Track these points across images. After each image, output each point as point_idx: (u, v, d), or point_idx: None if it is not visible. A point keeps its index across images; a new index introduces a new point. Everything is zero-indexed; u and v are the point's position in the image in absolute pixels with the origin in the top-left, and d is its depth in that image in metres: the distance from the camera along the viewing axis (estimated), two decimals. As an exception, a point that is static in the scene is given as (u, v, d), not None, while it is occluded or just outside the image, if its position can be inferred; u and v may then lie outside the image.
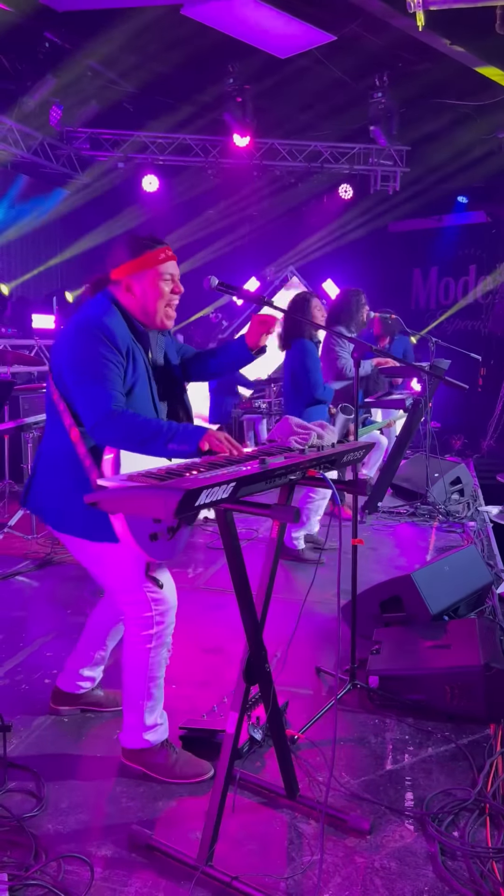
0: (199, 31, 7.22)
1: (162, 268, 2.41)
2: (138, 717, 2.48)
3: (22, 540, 5.22)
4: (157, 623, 2.44)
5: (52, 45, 7.68)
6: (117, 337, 2.32)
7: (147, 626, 2.43)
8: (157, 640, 2.45)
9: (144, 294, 2.41)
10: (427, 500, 6.29)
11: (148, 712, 2.48)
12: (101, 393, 2.22)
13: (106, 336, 2.30)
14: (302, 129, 9.81)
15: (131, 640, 2.47)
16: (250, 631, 2.09)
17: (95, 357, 2.27)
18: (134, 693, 2.48)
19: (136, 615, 2.44)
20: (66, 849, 2.13)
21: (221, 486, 1.73)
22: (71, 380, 2.30)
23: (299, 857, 2.13)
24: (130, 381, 2.36)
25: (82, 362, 2.28)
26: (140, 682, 2.46)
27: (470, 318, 11.44)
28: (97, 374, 2.25)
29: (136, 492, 1.69)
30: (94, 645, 2.84)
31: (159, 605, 2.45)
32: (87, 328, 2.32)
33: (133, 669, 2.47)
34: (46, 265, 9.78)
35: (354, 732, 2.81)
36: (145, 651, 2.44)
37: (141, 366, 2.41)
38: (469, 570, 3.82)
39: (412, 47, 7.56)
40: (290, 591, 4.20)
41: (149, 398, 2.46)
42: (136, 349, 2.40)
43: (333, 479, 2.10)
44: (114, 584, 2.47)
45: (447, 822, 2.27)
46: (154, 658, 2.46)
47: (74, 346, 2.32)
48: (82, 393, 2.26)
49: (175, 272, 2.46)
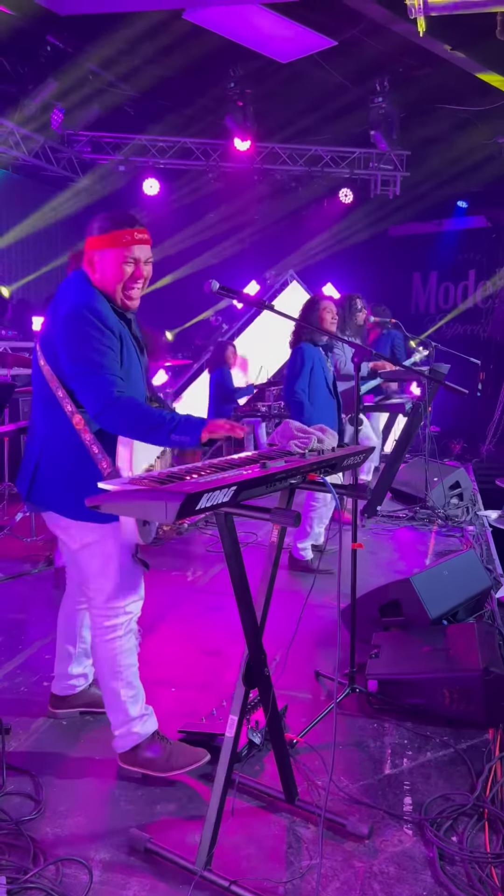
0: (200, 36, 7.23)
1: (125, 249, 2.35)
2: (123, 712, 2.49)
3: (21, 542, 5.22)
4: (124, 613, 2.47)
5: (54, 49, 7.70)
6: (107, 318, 2.32)
7: (115, 615, 2.46)
8: (125, 629, 2.48)
9: (103, 272, 2.37)
10: (426, 505, 6.30)
11: (131, 703, 2.49)
12: (102, 380, 2.23)
13: (98, 319, 2.29)
14: (302, 133, 9.83)
15: (99, 632, 2.49)
16: (250, 635, 2.10)
17: (92, 344, 2.27)
18: (112, 686, 2.49)
19: (104, 604, 2.46)
20: (65, 852, 2.13)
21: (222, 489, 1.73)
22: (70, 369, 2.30)
23: (298, 862, 2.13)
24: (126, 362, 2.37)
25: (80, 350, 2.27)
26: (115, 672, 2.48)
27: (469, 322, 11.46)
28: (96, 362, 2.25)
29: (138, 495, 1.69)
30: (71, 640, 2.85)
31: (130, 596, 2.48)
32: (79, 314, 2.30)
33: (106, 661, 2.49)
34: (47, 268, 9.79)
35: (353, 737, 2.81)
36: (114, 640, 2.47)
37: (130, 345, 2.41)
38: (468, 575, 3.82)
39: (413, 52, 7.57)
40: (288, 595, 4.19)
41: (140, 379, 2.47)
42: (123, 329, 2.40)
43: (334, 484, 2.10)
44: (98, 570, 2.46)
45: (446, 827, 2.27)
46: (123, 645, 2.48)
47: (69, 335, 2.30)
48: (84, 382, 2.26)
49: (142, 256, 2.39)
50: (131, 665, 2.51)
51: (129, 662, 2.50)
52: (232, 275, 10.36)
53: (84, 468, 2.34)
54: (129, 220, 2.39)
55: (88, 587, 2.51)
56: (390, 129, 9.10)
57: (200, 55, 7.66)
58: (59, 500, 2.43)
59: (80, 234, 2.54)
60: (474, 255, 11.40)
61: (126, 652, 2.49)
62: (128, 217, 2.41)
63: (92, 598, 2.50)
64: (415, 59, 7.84)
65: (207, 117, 9.43)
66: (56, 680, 2.91)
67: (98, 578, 2.46)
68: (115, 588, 2.45)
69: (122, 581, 2.45)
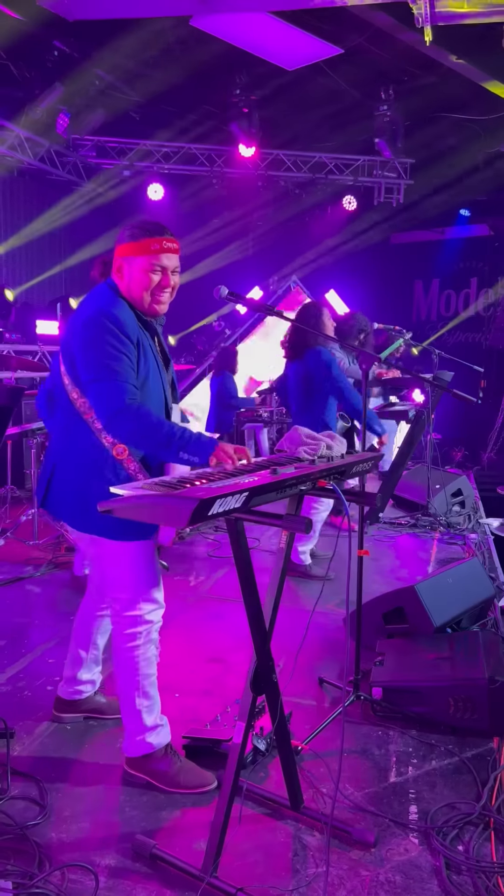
0: (206, 42, 7.26)
1: (153, 257, 2.35)
2: (137, 720, 2.48)
3: (24, 546, 5.21)
4: (144, 622, 2.46)
5: (61, 54, 7.72)
6: (126, 326, 2.31)
7: (134, 624, 2.45)
8: (145, 638, 2.47)
9: (131, 279, 2.37)
10: (428, 512, 6.30)
11: (146, 713, 2.48)
12: (115, 387, 2.22)
13: (116, 326, 2.29)
14: (307, 140, 9.87)
15: (119, 639, 2.49)
16: (258, 641, 2.09)
17: (107, 350, 2.26)
18: (129, 694, 2.48)
19: (124, 612, 2.46)
20: (70, 858, 2.13)
21: (234, 495, 1.73)
22: (84, 376, 2.30)
23: (304, 869, 2.12)
24: (143, 372, 2.35)
25: (95, 357, 2.27)
26: (133, 680, 2.47)
27: (471, 330, 11.49)
28: (110, 368, 2.24)
29: (151, 500, 1.69)
30: (84, 646, 2.84)
31: (149, 605, 2.47)
32: (96, 321, 2.30)
33: (124, 669, 2.48)
34: (51, 272, 9.81)
35: (358, 744, 2.80)
36: (134, 648, 2.46)
37: (150, 355, 2.40)
38: (472, 583, 3.82)
39: (418, 62, 7.61)
40: (293, 601, 4.19)
41: (160, 389, 2.45)
42: (144, 337, 2.39)
43: (344, 491, 2.10)
44: (113, 579, 2.46)
45: (452, 836, 2.26)
46: (143, 654, 2.48)
47: (85, 342, 2.31)
48: (97, 388, 2.25)
49: (169, 265, 2.39)
50: (149, 675, 2.50)
51: (147, 672, 2.49)
52: (235, 280, 10.38)
53: (97, 481, 2.33)
54: (158, 228, 2.40)
55: (108, 595, 2.52)
56: (395, 138, 9.14)
57: (206, 62, 7.68)
58: (70, 511, 2.44)
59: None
60: (476, 264, 11.44)
61: (145, 661, 2.48)
62: (158, 226, 2.41)
63: (112, 606, 2.50)
64: (420, 68, 7.87)
65: (212, 123, 9.47)
66: (64, 684, 2.90)
67: (114, 588, 2.46)
68: (132, 597, 2.44)
69: (139, 590, 2.44)
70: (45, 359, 8.28)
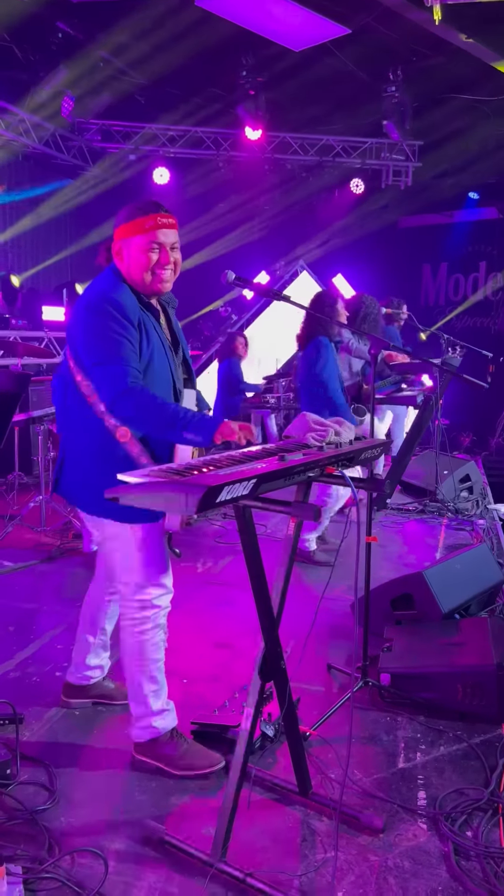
0: (212, 23, 7.17)
1: (149, 235, 2.33)
2: (145, 705, 2.49)
3: (32, 532, 5.23)
4: (153, 606, 2.47)
5: (65, 36, 7.64)
6: (127, 309, 2.29)
7: (143, 609, 2.46)
8: (153, 622, 2.48)
9: (130, 260, 2.36)
10: (436, 498, 6.28)
11: (153, 697, 2.49)
12: (117, 370, 2.21)
13: (115, 310, 2.27)
14: (314, 122, 9.76)
15: (127, 624, 2.49)
16: (266, 628, 2.09)
17: (108, 334, 2.25)
18: (137, 679, 2.49)
19: (132, 596, 2.46)
20: (79, 843, 2.14)
21: (242, 482, 1.72)
22: (87, 360, 2.30)
23: (313, 855, 2.13)
24: (147, 353, 2.34)
25: (97, 341, 2.27)
26: (140, 665, 2.47)
27: (479, 315, 11.39)
28: (112, 352, 2.23)
29: (158, 487, 1.68)
30: (92, 631, 2.85)
31: (158, 589, 2.47)
32: (96, 305, 2.30)
33: (132, 653, 2.49)
34: (57, 257, 9.77)
35: (366, 730, 2.80)
36: (142, 633, 2.47)
37: (154, 336, 2.38)
38: (480, 569, 3.81)
39: (427, 41, 7.50)
40: (300, 587, 4.19)
41: (167, 371, 2.44)
42: (147, 318, 2.37)
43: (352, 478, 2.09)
44: (120, 563, 2.46)
45: (460, 821, 2.26)
46: (151, 639, 2.48)
47: (87, 326, 2.31)
48: (98, 371, 2.25)
49: (167, 241, 2.36)
50: (157, 660, 2.50)
51: (154, 657, 2.49)
52: (242, 265, 10.29)
53: (105, 465, 2.33)
54: (152, 206, 2.39)
55: (116, 579, 2.52)
56: (403, 119, 9.03)
57: (212, 43, 7.59)
58: (80, 495, 2.46)
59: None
60: (485, 247, 11.32)
61: (152, 646, 2.48)
62: (151, 203, 2.40)
63: (120, 591, 2.50)
64: (429, 48, 7.76)
65: (218, 106, 9.36)
66: (72, 669, 2.91)
67: (122, 572, 2.47)
68: (140, 581, 2.44)
69: (147, 574, 2.44)
70: (52, 345, 8.27)
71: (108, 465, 2.29)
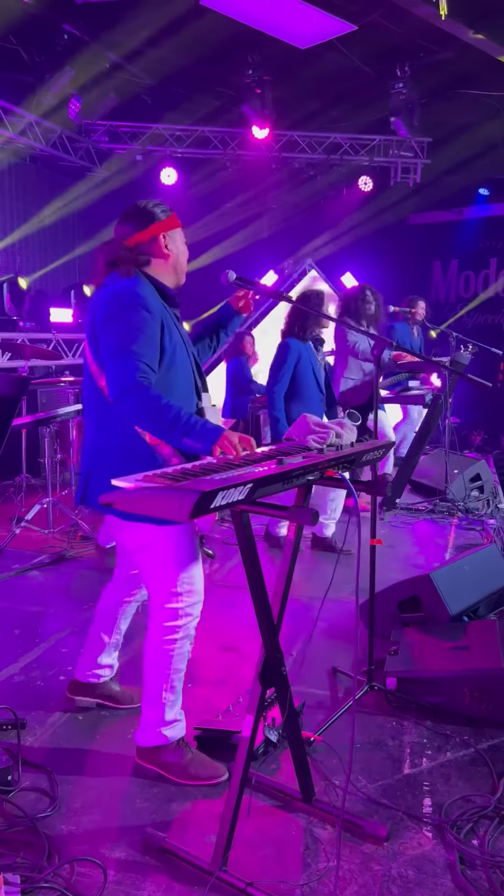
0: (217, 22, 7.12)
1: (180, 229, 2.52)
2: (158, 712, 2.45)
3: (39, 534, 5.22)
4: (184, 615, 2.43)
5: (71, 37, 7.62)
6: (149, 303, 2.29)
7: (174, 617, 2.41)
8: (184, 632, 2.44)
9: (177, 250, 2.48)
10: (446, 497, 6.22)
11: (169, 707, 2.46)
12: (128, 364, 2.16)
13: (137, 303, 2.26)
14: (321, 120, 9.69)
15: (156, 630, 2.43)
16: (266, 633, 2.06)
17: (124, 327, 2.22)
18: (156, 686, 2.44)
19: (165, 604, 2.41)
20: (79, 850, 2.12)
21: (238, 487, 1.69)
22: (105, 354, 2.25)
23: (315, 864, 2.10)
24: (170, 348, 2.32)
25: (113, 335, 2.23)
26: (163, 673, 2.43)
27: (490, 312, 11.29)
28: (125, 345, 2.19)
29: (152, 492, 1.66)
30: (107, 630, 2.83)
31: (191, 597, 2.43)
32: (116, 298, 2.28)
33: (156, 661, 2.44)
34: (65, 259, 9.76)
35: (372, 735, 2.77)
36: (171, 642, 2.42)
37: (176, 333, 2.38)
38: (489, 570, 3.76)
39: (435, 37, 7.41)
40: (304, 589, 4.15)
41: (189, 366, 2.44)
42: (169, 316, 2.38)
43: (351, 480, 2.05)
44: (155, 571, 2.41)
45: (466, 829, 2.22)
46: (179, 650, 2.44)
47: (104, 319, 2.27)
48: (112, 366, 2.19)
49: None
50: (180, 670, 2.47)
51: (179, 668, 2.46)
52: (250, 264, 10.28)
53: (132, 468, 2.28)
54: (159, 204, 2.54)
55: (149, 588, 2.47)
56: (411, 116, 8.94)
57: (218, 42, 7.55)
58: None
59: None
60: (496, 244, 11.21)
61: (179, 656, 2.44)
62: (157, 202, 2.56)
63: (152, 599, 2.45)
64: (437, 43, 7.67)
65: (225, 105, 9.32)
66: (81, 666, 2.89)
67: (156, 580, 2.42)
68: (174, 588, 2.39)
69: (182, 580, 2.39)
70: (60, 347, 8.27)
71: (138, 469, 2.26)
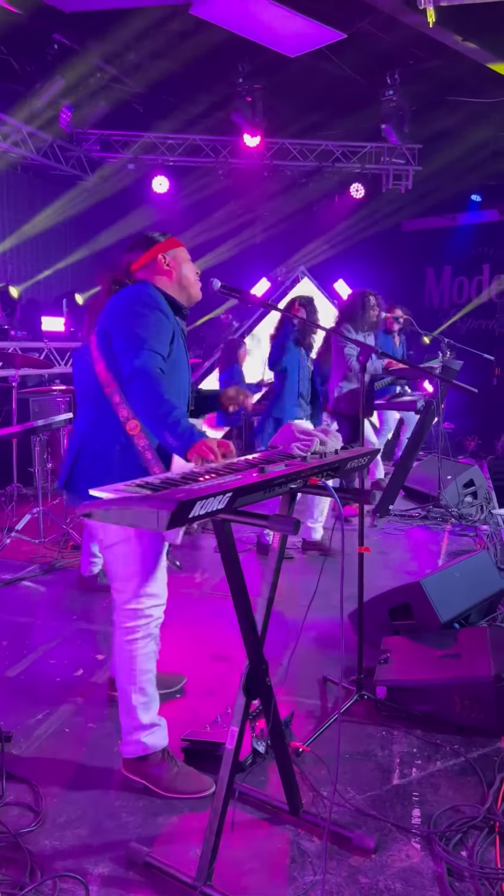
0: (207, 31, 7.15)
1: (184, 248, 2.64)
2: (133, 718, 2.45)
3: (29, 544, 5.19)
4: (144, 616, 2.45)
5: (61, 46, 7.64)
6: (163, 305, 2.42)
7: (134, 618, 2.45)
8: (144, 632, 2.46)
9: (181, 268, 2.58)
10: (440, 503, 6.20)
11: (142, 710, 2.44)
12: (143, 353, 2.26)
13: (153, 302, 2.39)
14: (313, 128, 9.72)
15: (118, 632, 2.48)
16: (250, 644, 2.04)
17: (141, 322, 2.34)
18: (126, 689, 2.45)
19: (125, 605, 2.45)
20: (63, 866, 2.09)
21: (217, 496, 1.67)
22: (118, 345, 2.33)
23: (301, 877, 2.07)
24: (174, 356, 2.43)
25: (130, 328, 2.33)
26: (130, 675, 2.45)
27: (484, 317, 11.33)
28: (142, 338, 2.30)
29: (129, 502, 1.63)
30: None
31: (151, 600, 2.46)
32: (140, 297, 2.40)
33: (122, 663, 2.47)
34: (56, 267, 9.76)
35: (361, 745, 2.74)
36: (132, 641, 2.45)
37: (181, 344, 2.49)
38: (481, 576, 3.74)
39: (423, 44, 7.45)
40: (295, 597, 4.13)
41: (186, 381, 2.56)
42: (177, 328, 2.49)
43: (336, 488, 2.04)
44: (120, 571, 2.44)
45: (455, 840, 2.19)
46: (141, 649, 2.45)
47: (121, 317, 2.38)
48: (126, 357, 2.27)
49: None
50: (147, 671, 2.47)
51: (145, 668, 2.46)
52: (242, 272, 10.29)
53: (119, 472, 2.33)
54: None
55: (112, 587, 2.51)
56: (401, 123, 8.98)
57: (208, 50, 7.57)
58: (83, 494, 2.40)
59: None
60: (489, 249, 11.25)
61: (143, 656, 2.46)
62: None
63: (114, 598, 2.49)
64: (426, 51, 7.71)
65: (216, 113, 9.35)
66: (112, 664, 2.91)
67: (120, 579, 2.45)
68: (136, 590, 2.43)
69: (142, 582, 2.43)
70: (52, 356, 8.25)
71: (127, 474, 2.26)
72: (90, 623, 3.93)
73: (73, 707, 3.02)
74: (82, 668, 3.37)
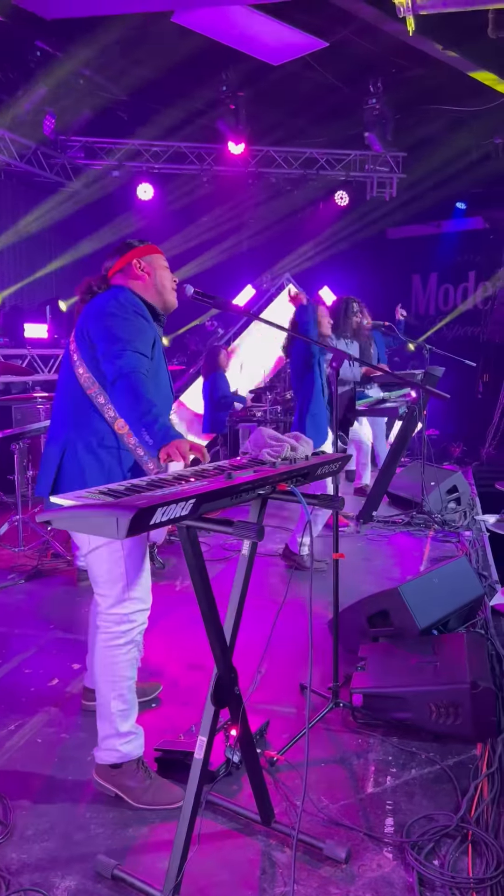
0: (190, 38, 7.18)
1: (161, 255, 2.65)
2: (111, 725, 2.42)
3: (9, 552, 5.15)
4: (128, 621, 2.43)
5: (43, 53, 7.65)
6: (142, 310, 2.46)
7: (118, 623, 2.43)
8: (127, 638, 2.44)
9: (156, 274, 2.59)
10: (423, 510, 6.20)
11: (121, 718, 2.42)
12: (132, 356, 2.28)
13: (132, 307, 2.43)
14: (297, 135, 9.77)
15: (102, 637, 2.46)
16: (218, 653, 2.02)
17: (122, 324, 2.36)
18: (105, 696, 2.43)
19: (109, 610, 2.43)
20: (29, 880, 2.05)
21: (180, 502, 1.65)
22: (102, 348, 2.33)
23: (271, 889, 2.04)
24: (157, 362, 2.45)
25: (112, 329, 2.34)
26: (111, 682, 2.42)
27: (469, 324, 11.38)
28: (125, 339, 2.31)
29: (88, 510, 1.61)
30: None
31: (135, 604, 2.44)
32: (114, 301, 2.42)
33: (103, 669, 2.44)
34: (39, 274, 9.73)
35: (335, 753, 2.72)
36: (115, 647, 2.43)
37: (158, 350, 2.49)
38: (460, 583, 3.72)
39: (405, 53, 7.50)
40: (274, 604, 4.10)
41: (168, 383, 2.57)
42: (156, 333, 2.50)
43: (307, 495, 2.02)
44: (104, 575, 2.42)
45: (427, 849, 2.17)
46: (124, 656, 2.43)
47: (102, 319, 2.39)
48: (111, 358, 2.28)
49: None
50: (128, 678, 2.45)
51: (126, 675, 2.44)
52: (227, 279, 10.30)
53: (103, 476, 2.34)
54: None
55: (96, 591, 2.49)
56: (384, 131, 9.04)
57: (191, 58, 7.60)
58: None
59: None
60: (474, 257, 11.32)
61: (124, 663, 2.43)
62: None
63: (98, 603, 2.48)
64: (407, 59, 7.76)
65: (201, 121, 9.38)
66: (88, 673, 2.95)
67: (104, 584, 2.44)
68: (120, 594, 2.41)
69: (128, 587, 2.41)
70: (35, 363, 8.22)
71: (112, 478, 2.31)
72: (67, 632, 3.89)
73: (46, 717, 2.98)
74: (57, 678, 3.33)
